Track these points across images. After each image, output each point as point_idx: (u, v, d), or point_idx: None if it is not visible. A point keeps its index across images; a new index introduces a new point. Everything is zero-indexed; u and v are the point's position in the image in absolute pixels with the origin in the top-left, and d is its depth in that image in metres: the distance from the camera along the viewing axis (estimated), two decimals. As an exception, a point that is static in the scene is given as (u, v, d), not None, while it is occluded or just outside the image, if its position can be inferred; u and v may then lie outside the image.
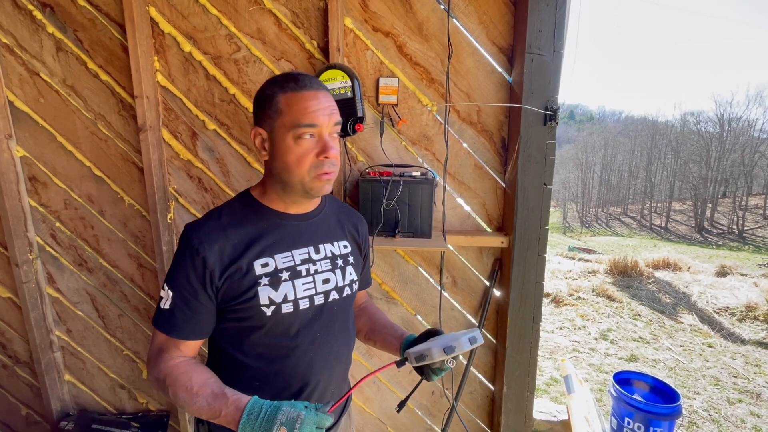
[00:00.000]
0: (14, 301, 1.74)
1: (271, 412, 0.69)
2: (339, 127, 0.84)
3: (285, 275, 0.84)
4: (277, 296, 0.82)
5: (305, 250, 0.88)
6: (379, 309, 1.16)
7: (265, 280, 0.82)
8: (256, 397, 0.73)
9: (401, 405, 0.91)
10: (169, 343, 0.82)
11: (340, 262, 0.93)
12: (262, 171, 1.11)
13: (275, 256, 0.84)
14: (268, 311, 0.82)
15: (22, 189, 1.62)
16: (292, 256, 0.86)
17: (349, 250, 0.97)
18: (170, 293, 0.81)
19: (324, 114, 0.79)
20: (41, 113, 1.57)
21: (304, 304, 0.86)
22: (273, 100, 0.80)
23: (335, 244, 0.94)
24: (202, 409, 0.74)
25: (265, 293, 0.81)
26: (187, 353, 0.84)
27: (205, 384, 0.76)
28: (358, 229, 1.04)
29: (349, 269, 0.95)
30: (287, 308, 0.83)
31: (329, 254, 0.91)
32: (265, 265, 0.83)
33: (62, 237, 1.69)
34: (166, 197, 1.61)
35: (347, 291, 0.94)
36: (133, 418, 1.82)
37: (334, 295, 0.91)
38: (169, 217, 1.62)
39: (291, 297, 0.84)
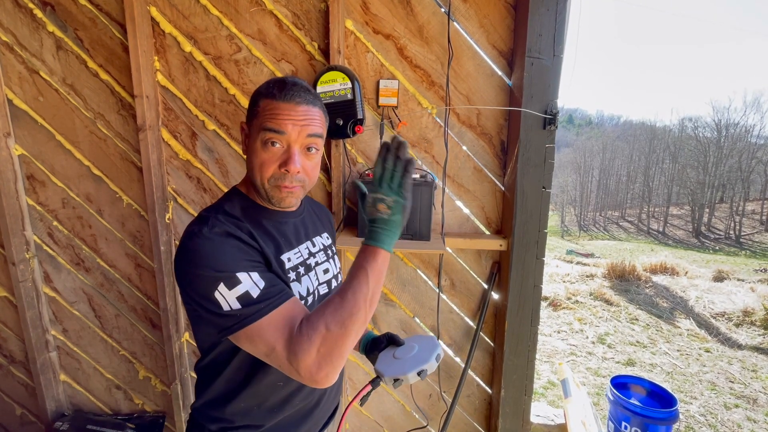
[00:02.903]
0: (10, 300, 1.73)
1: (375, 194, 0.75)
2: (315, 140, 0.79)
3: (302, 269, 0.86)
4: (303, 290, 0.84)
5: (306, 244, 0.91)
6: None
7: (292, 275, 0.83)
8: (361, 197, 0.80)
9: (363, 400, 0.90)
10: (292, 308, 0.71)
11: (330, 252, 0.98)
12: None
13: (289, 253, 0.85)
14: None
15: (20, 187, 1.61)
16: (299, 251, 0.88)
17: (330, 241, 1.02)
18: (241, 278, 0.69)
19: (295, 124, 0.76)
20: (40, 112, 1.57)
21: (317, 295, 0.89)
22: (256, 100, 0.81)
23: (322, 236, 0.98)
24: (366, 283, 0.69)
25: (296, 289, 0.82)
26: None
27: (346, 278, 0.71)
28: (331, 221, 1.09)
29: (336, 258, 1.01)
30: (310, 301, 0.86)
31: (321, 246, 0.96)
32: (289, 260, 0.84)
33: (60, 236, 1.69)
34: (165, 197, 1.60)
35: (340, 278, 1.01)
36: (128, 419, 1.81)
37: (334, 283, 0.96)
38: (167, 217, 1.62)
39: (311, 289, 0.86)
